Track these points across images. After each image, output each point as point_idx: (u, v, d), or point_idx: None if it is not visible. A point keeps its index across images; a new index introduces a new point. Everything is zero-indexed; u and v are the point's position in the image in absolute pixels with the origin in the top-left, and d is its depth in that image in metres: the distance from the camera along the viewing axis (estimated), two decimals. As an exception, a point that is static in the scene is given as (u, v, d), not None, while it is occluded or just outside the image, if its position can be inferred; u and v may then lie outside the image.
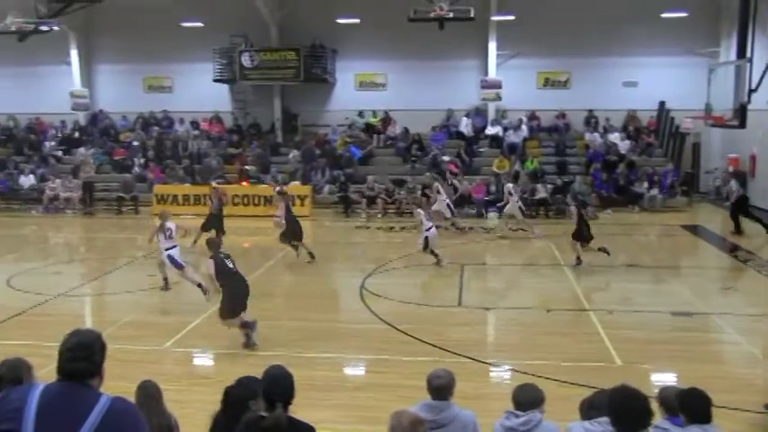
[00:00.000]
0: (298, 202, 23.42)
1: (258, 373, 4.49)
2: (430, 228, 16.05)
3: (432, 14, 22.54)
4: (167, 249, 13.62)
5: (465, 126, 27.00)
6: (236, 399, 4.79)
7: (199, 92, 28.32)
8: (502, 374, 9.73)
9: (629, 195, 24.06)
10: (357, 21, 26.73)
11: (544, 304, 12.94)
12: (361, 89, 28.41)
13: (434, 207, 19.43)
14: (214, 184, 21.07)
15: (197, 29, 27.31)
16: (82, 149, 27.09)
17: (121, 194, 24.50)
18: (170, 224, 13.86)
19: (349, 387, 9.44)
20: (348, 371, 10.11)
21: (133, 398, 4.70)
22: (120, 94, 29.48)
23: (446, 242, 17.82)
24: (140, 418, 3.32)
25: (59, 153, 27.81)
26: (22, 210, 24.99)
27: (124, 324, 11.58)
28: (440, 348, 10.31)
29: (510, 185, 20.11)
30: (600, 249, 15.74)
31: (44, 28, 24.84)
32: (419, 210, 16.75)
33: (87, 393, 3.12)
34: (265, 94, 28.22)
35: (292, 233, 16.58)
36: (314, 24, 26.86)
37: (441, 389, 5.14)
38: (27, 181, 25.76)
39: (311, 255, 16.47)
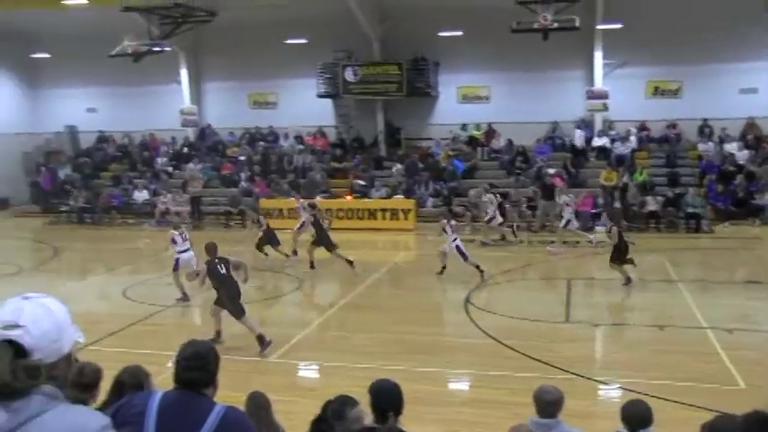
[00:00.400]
0: (401, 215, 23.52)
1: (363, 385, 4.44)
2: (455, 239, 15.94)
3: (535, 25, 22.15)
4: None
5: (578, 138, 26.31)
6: (333, 411, 4.75)
7: (303, 107, 28.80)
8: (612, 393, 9.38)
9: (748, 208, 22.96)
10: (460, 33, 26.59)
11: (657, 321, 12.43)
12: (464, 102, 28.23)
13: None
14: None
15: (301, 45, 27.79)
16: (191, 165, 27.94)
17: (229, 208, 25.08)
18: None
19: (454, 402, 9.29)
20: (453, 385, 9.96)
21: (242, 408, 4.71)
22: (226, 110, 30.31)
23: (551, 256, 17.40)
24: (252, 427, 3.38)
25: (170, 168, 28.79)
26: (135, 223, 25.95)
27: (232, 335, 11.77)
28: (547, 364, 10.03)
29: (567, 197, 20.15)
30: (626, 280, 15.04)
31: (157, 49, 25.86)
32: (444, 220, 16.51)
33: (202, 402, 3.21)
34: (368, 108, 28.41)
35: (324, 241, 16.87)
36: (416, 38, 26.89)
37: (549, 405, 4.99)
38: (140, 196, 26.78)
39: (349, 262, 16.53)
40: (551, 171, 24.57)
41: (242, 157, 28.24)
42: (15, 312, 2.00)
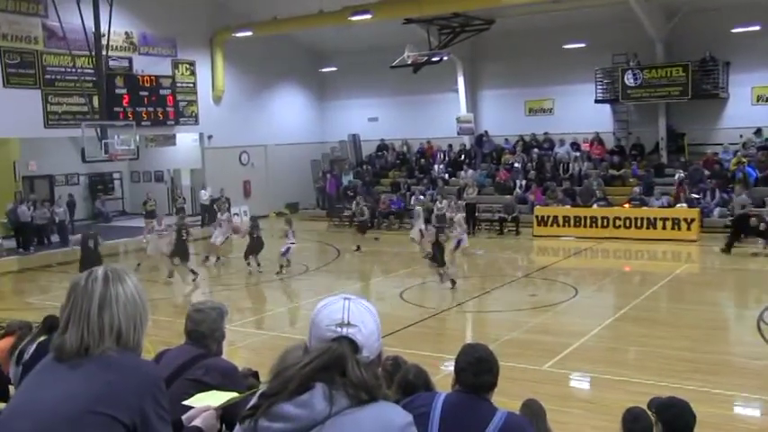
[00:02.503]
0: (683, 225, 22.07)
1: (636, 401, 4.20)
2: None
3: None
4: None
5: None
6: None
7: (580, 113, 28.10)
8: None
9: None
10: (757, 28, 24.38)
11: None
12: (759, 104, 25.85)
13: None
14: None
15: (579, 50, 27.14)
16: (472, 172, 28.32)
17: (503, 215, 25.08)
18: None
19: (752, 429, 8.46)
20: (744, 410, 9.08)
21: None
22: (502, 117, 30.41)
23: None
24: None
25: (446, 175, 29.46)
26: (412, 229, 26.77)
27: (505, 342, 11.70)
28: None
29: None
30: None
31: (435, 59, 26.66)
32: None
33: (485, 406, 3.23)
34: (649, 113, 27.03)
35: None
36: (704, 37, 25.10)
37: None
38: (417, 202, 27.65)
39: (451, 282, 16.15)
40: None
41: (517, 165, 28.18)
42: (345, 311, 2.06)
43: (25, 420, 2.23)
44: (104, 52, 23.01)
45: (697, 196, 23.63)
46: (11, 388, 6.88)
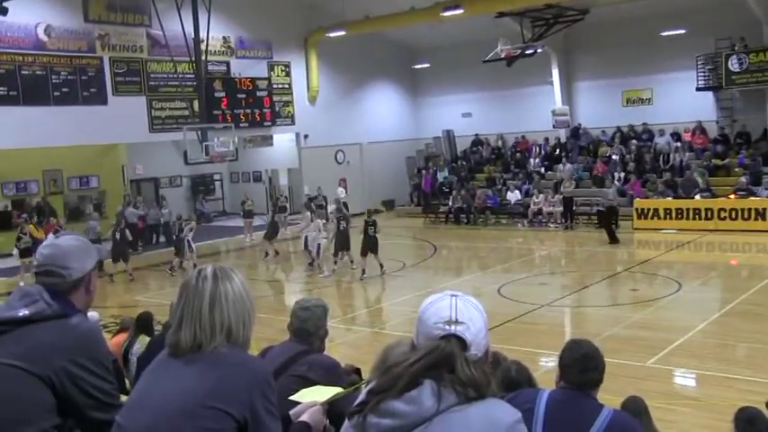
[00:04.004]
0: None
1: (748, 399, 4.03)
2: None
3: None
4: None
5: None
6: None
7: (680, 102, 27.20)
8: None
9: None
10: None
11: None
12: None
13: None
14: None
15: (679, 36, 26.30)
16: (569, 166, 27.84)
17: (600, 209, 24.48)
18: None
19: None
20: None
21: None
22: (598, 109, 29.76)
23: None
24: None
25: (542, 169, 29.06)
26: (509, 223, 26.63)
27: (606, 337, 11.47)
28: None
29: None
30: None
31: (529, 51, 26.32)
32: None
33: (591, 403, 3.20)
34: (756, 99, 25.90)
35: None
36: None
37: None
38: (513, 196, 27.42)
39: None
40: None
41: (615, 157, 27.52)
42: (452, 309, 2.06)
43: (145, 412, 2.35)
44: (203, 57, 23.73)
45: (810, 185, 22.53)
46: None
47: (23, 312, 2.66)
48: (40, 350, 2.61)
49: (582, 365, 3.24)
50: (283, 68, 29.07)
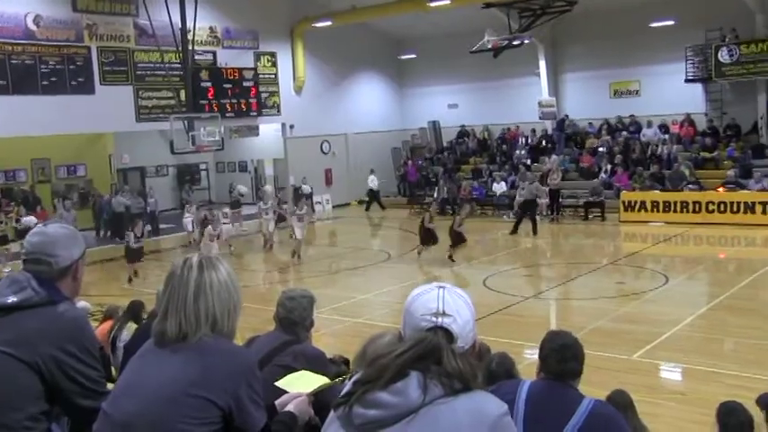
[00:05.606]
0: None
1: (733, 394, 4.03)
2: None
3: None
4: None
5: None
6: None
7: (668, 94, 27.21)
8: None
9: None
10: None
11: None
12: None
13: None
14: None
15: (667, 27, 26.28)
16: (554, 157, 27.81)
17: (590, 199, 24.43)
18: None
19: None
20: None
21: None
22: (585, 100, 29.75)
23: None
24: (625, 425, 3.28)
25: (528, 161, 29.04)
26: (495, 215, 26.61)
27: (591, 330, 11.46)
28: None
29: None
30: None
31: (516, 42, 26.27)
32: None
33: (571, 393, 3.19)
34: (746, 91, 25.83)
35: None
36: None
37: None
38: (499, 188, 27.38)
39: None
40: None
41: (602, 149, 27.53)
42: (439, 301, 2.04)
43: (131, 400, 2.38)
44: (190, 47, 23.59)
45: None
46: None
47: (12, 299, 2.72)
48: (28, 336, 2.65)
49: (560, 355, 3.23)
50: (269, 58, 28.90)
